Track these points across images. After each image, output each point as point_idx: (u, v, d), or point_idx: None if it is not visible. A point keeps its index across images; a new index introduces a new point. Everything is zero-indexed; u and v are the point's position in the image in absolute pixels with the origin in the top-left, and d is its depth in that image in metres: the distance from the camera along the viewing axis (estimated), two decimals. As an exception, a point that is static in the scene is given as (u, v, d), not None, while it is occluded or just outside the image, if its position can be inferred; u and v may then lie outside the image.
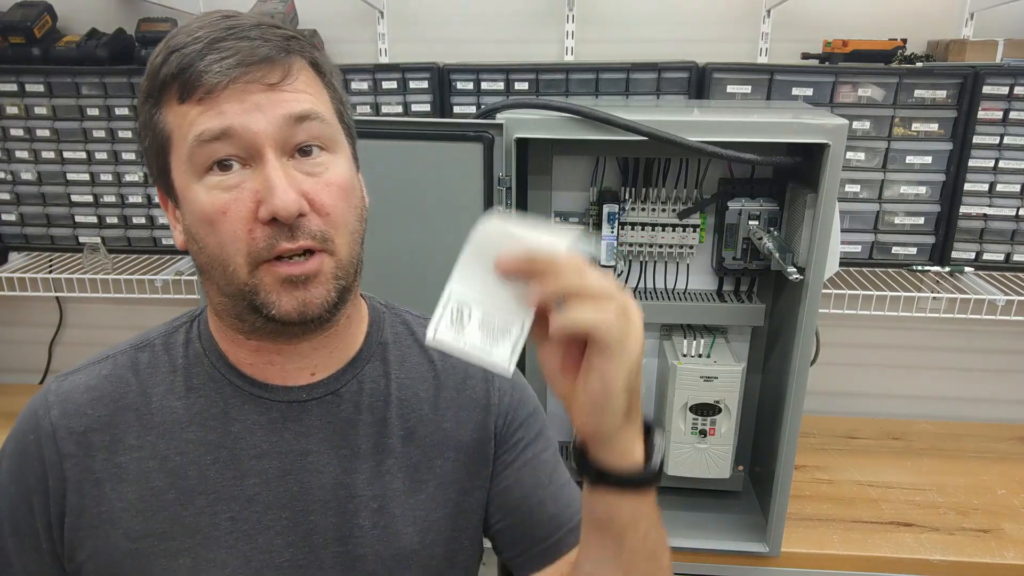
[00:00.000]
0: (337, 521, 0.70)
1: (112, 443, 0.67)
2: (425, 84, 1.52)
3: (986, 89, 1.41)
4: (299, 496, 0.69)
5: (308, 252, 0.62)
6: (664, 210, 1.27)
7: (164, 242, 1.66)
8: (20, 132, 1.61)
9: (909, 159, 1.46)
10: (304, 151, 0.62)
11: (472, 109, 1.53)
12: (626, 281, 1.35)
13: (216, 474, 0.67)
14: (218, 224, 0.60)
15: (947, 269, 1.51)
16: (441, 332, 0.54)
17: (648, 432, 0.59)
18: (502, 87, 1.51)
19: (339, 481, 0.70)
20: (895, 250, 1.51)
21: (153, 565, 0.66)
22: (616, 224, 1.26)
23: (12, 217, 1.67)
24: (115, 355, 0.71)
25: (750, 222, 1.24)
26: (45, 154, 1.62)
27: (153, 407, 0.68)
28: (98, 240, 1.65)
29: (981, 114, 1.42)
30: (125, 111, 1.57)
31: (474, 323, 0.54)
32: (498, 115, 1.14)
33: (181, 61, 0.59)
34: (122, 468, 0.67)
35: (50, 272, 1.66)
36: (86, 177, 1.62)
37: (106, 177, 1.62)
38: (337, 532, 0.70)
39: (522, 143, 1.13)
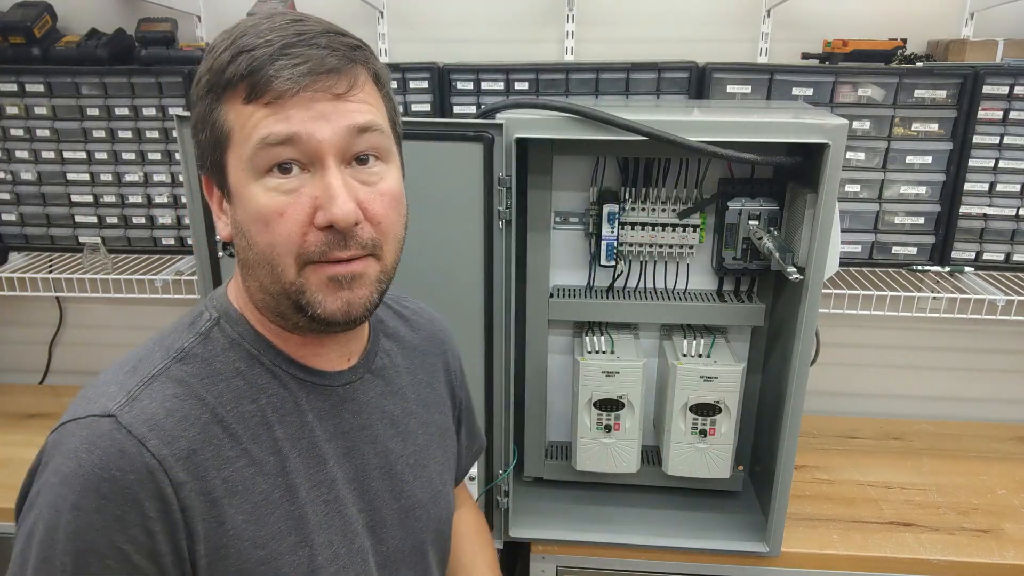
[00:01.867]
0: (390, 482, 0.79)
1: (215, 460, 0.66)
2: (425, 84, 1.52)
3: (986, 89, 1.41)
4: (362, 468, 0.77)
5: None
6: (664, 210, 1.27)
7: (164, 242, 1.66)
8: (20, 132, 1.61)
9: (909, 159, 1.46)
10: (361, 160, 0.65)
11: (472, 109, 1.53)
12: (626, 281, 1.35)
13: (304, 464, 0.71)
14: (274, 224, 0.63)
15: (947, 269, 1.51)
16: None
17: None
18: (502, 87, 1.51)
19: (386, 447, 0.79)
20: (895, 250, 1.51)
21: (282, 564, 0.68)
22: (616, 224, 1.26)
23: (12, 217, 1.67)
24: (163, 372, 0.67)
25: (750, 222, 1.24)
26: (45, 154, 1.62)
27: (230, 416, 0.68)
28: (98, 240, 1.65)
29: (981, 114, 1.42)
30: (125, 111, 1.57)
31: None
32: (498, 115, 1.14)
33: (251, 63, 0.61)
34: (230, 482, 0.66)
35: (50, 272, 1.66)
36: (86, 177, 1.62)
37: (106, 177, 1.62)
38: (391, 491, 0.79)
39: (522, 143, 1.13)
